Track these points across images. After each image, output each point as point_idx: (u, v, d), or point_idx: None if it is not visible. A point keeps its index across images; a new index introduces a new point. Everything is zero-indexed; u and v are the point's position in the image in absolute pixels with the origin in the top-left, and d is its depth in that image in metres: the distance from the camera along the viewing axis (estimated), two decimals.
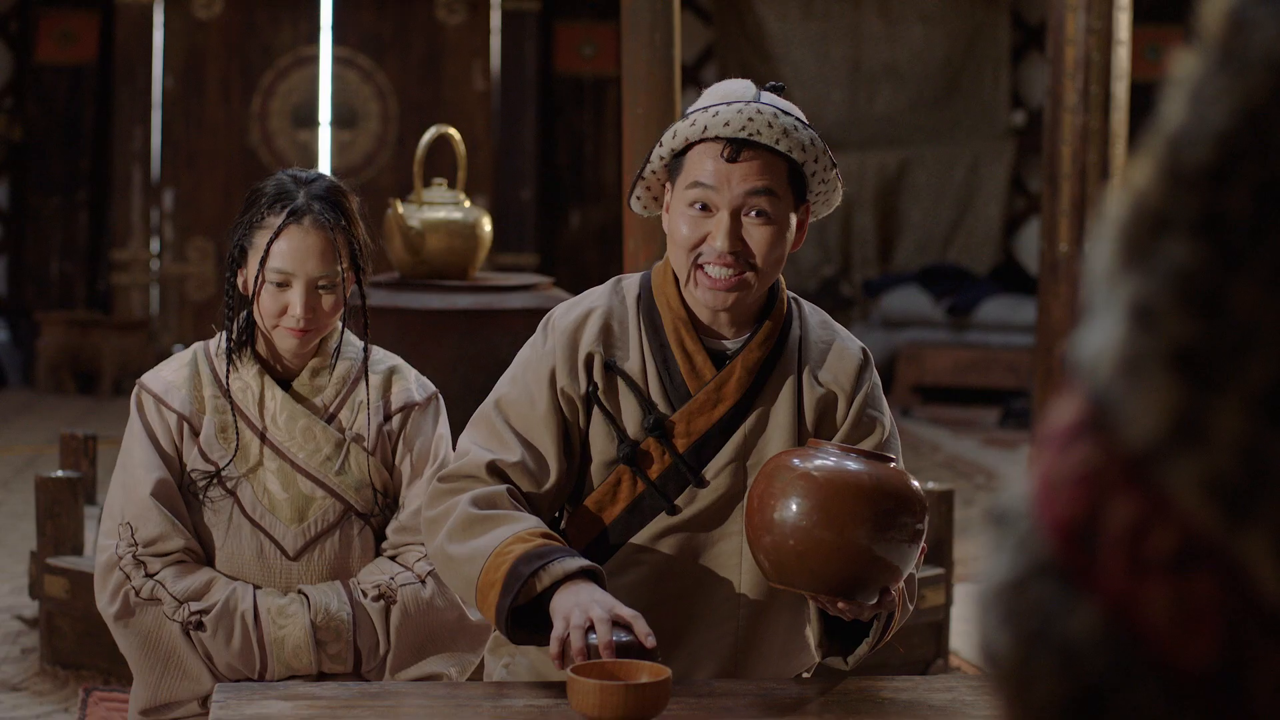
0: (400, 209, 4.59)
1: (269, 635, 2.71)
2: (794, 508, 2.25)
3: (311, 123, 10.63)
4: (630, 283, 2.57)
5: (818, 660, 2.61)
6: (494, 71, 10.67)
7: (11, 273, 10.57)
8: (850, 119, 11.12)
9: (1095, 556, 0.70)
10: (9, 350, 10.35)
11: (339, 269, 2.72)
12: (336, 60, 10.63)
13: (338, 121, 10.64)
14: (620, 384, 2.50)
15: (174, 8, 10.45)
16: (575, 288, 3.31)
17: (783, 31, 11.16)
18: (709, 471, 2.50)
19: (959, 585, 5.05)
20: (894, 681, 2.48)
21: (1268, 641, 0.67)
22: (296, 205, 2.71)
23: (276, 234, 2.69)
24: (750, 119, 2.40)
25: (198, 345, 2.85)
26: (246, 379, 2.79)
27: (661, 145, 2.48)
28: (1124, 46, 5.43)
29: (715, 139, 2.41)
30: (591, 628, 2.24)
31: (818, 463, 2.28)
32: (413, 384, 2.86)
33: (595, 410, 2.50)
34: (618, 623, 2.25)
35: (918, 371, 10.22)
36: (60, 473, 4.58)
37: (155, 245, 10.45)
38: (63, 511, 4.48)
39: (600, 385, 2.49)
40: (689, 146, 2.44)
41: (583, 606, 2.25)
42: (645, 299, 2.54)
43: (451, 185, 4.81)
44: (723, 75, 8.38)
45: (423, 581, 2.77)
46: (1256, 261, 0.68)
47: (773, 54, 11.10)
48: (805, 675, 2.61)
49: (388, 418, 2.82)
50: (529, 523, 2.39)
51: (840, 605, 2.28)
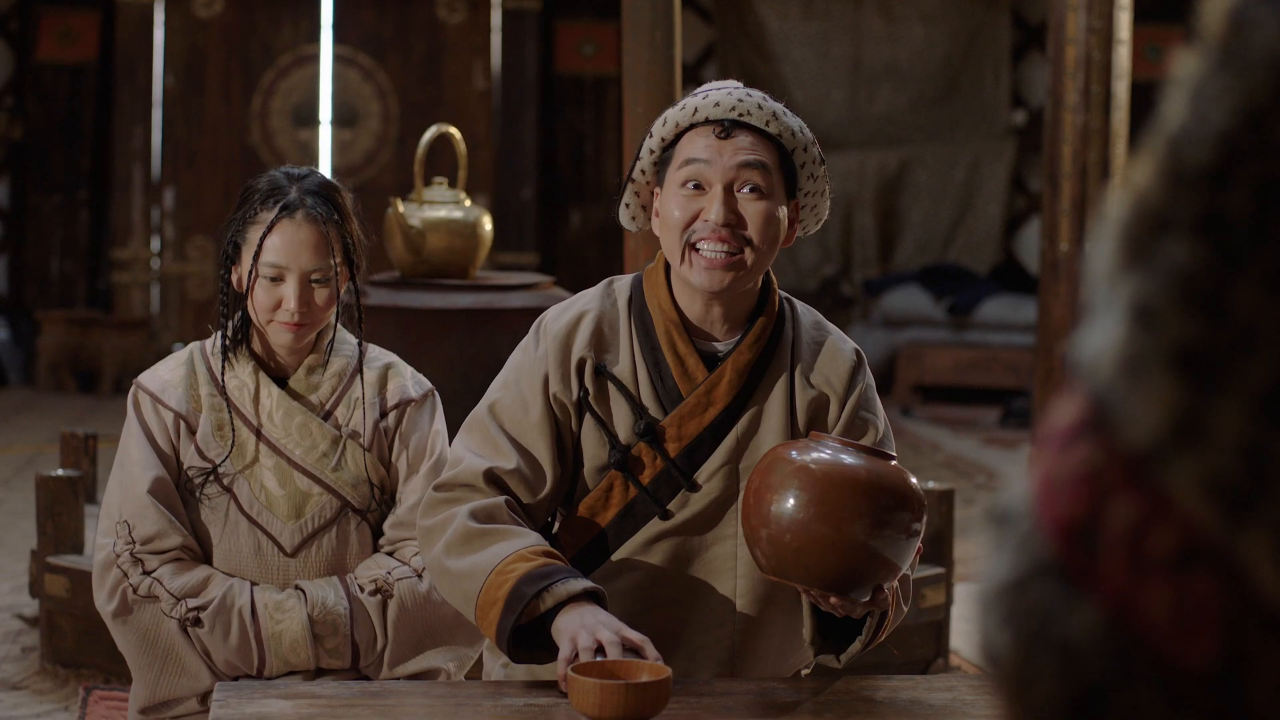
0: (401, 208, 4.59)
1: (266, 630, 2.72)
2: (791, 501, 2.23)
3: (312, 122, 10.63)
4: (622, 285, 2.56)
5: (813, 658, 2.61)
6: (494, 71, 10.67)
7: (12, 271, 10.57)
8: (850, 118, 11.12)
9: (1096, 556, 0.70)
10: (9, 349, 10.35)
11: (332, 263, 2.73)
12: (337, 59, 10.63)
13: (338, 121, 10.64)
14: (611, 389, 2.48)
15: (174, 7, 10.45)
16: (575, 287, 3.31)
17: (783, 31, 11.16)
18: (701, 475, 2.49)
19: (959, 585, 5.05)
20: (893, 681, 2.48)
21: (1268, 641, 0.67)
22: (289, 200, 2.72)
23: (269, 228, 2.71)
24: (740, 100, 2.44)
25: (194, 345, 2.86)
26: (242, 377, 2.79)
27: (652, 136, 2.48)
28: (1124, 46, 5.43)
29: (706, 122, 2.43)
30: (600, 650, 2.23)
31: (815, 456, 2.26)
32: (408, 380, 2.86)
33: (587, 416, 2.48)
34: (626, 646, 2.24)
35: (918, 371, 10.22)
36: (60, 471, 4.58)
37: (156, 244, 10.45)
38: (63, 510, 4.48)
39: (591, 391, 2.48)
40: (679, 136, 2.45)
41: (589, 629, 2.24)
42: (636, 301, 2.52)
43: (452, 184, 4.81)
44: (723, 75, 8.39)
45: (419, 576, 2.77)
46: (1257, 262, 0.68)
47: (773, 53, 11.10)
48: (805, 671, 2.61)
49: (384, 414, 2.83)
50: (529, 539, 2.37)
51: (833, 600, 2.26)
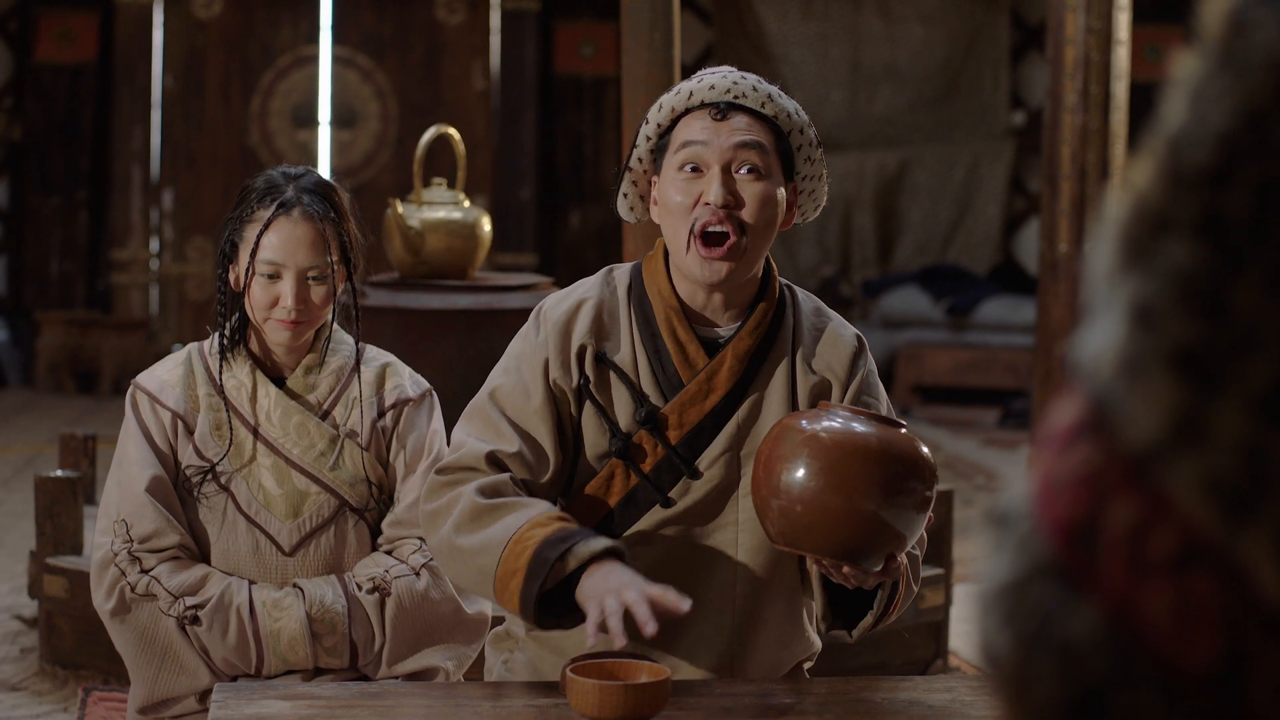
0: (400, 209, 4.59)
1: (264, 628, 2.72)
2: (801, 471, 2.22)
3: (311, 122, 10.62)
4: (621, 273, 2.56)
5: (818, 647, 2.60)
6: (494, 71, 10.66)
7: (11, 272, 10.56)
8: (850, 119, 11.11)
9: (1096, 557, 0.70)
10: (8, 350, 10.35)
11: (329, 260, 2.74)
12: (336, 60, 10.62)
13: (337, 121, 10.63)
14: (612, 376, 2.49)
15: (174, 7, 10.45)
16: None
17: (782, 31, 11.16)
18: (702, 463, 2.49)
19: (959, 585, 5.05)
20: (893, 681, 2.48)
21: (1268, 641, 0.67)
22: (285, 198, 2.74)
23: (266, 226, 2.72)
24: (735, 82, 2.46)
25: (192, 345, 2.87)
26: (240, 376, 2.80)
27: (648, 123, 2.49)
28: (1124, 46, 5.43)
29: (702, 105, 2.45)
30: (628, 611, 2.21)
31: (825, 424, 2.26)
32: (406, 380, 2.87)
33: (587, 404, 2.48)
34: (652, 603, 2.21)
35: (917, 371, 10.21)
36: (59, 472, 4.58)
37: (155, 245, 10.44)
38: (62, 511, 4.48)
39: (592, 378, 2.48)
40: (675, 121, 2.47)
41: (614, 591, 2.23)
42: (636, 289, 2.53)
43: (451, 185, 4.81)
44: None
45: (417, 574, 2.78)
46: (1257, 262, 0.68)
47: (772, 54, 11.10)
48: (807, 666, 2.61)
49: (382, 413, 2.83)
50: (541, 507, 2.37)
51: (845, 570, 2.26)
